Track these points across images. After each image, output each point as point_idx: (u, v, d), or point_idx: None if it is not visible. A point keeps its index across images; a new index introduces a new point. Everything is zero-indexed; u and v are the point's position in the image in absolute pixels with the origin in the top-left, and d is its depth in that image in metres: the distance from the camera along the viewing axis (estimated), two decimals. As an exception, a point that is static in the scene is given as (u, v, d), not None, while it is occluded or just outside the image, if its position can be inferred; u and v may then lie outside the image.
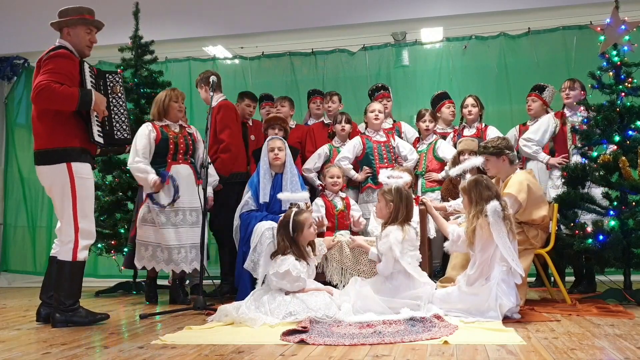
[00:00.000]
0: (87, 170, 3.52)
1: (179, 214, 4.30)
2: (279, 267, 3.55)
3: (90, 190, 3.54)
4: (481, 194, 3.43)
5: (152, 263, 4.31)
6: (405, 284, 3.51)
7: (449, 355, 2.44)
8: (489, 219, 3.31)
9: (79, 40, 3.57)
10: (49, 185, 3.50)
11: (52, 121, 3.43)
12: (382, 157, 4.97)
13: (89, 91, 3.46)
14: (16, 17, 6.68)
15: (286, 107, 5.50)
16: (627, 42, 4.18)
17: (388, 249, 3.50)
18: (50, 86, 3.31)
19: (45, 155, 3.45)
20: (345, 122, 5.12)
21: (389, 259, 3.51)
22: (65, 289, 3.43)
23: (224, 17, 6.36)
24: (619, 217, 3.96)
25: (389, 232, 3.57)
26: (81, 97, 3.40)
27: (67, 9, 3.57)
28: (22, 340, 3.04)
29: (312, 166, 5.12)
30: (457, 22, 6.11)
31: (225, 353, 2.57)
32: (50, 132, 3.43)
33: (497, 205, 3.34)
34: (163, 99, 4.45)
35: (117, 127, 3.63)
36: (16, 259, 7.10)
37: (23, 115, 7.16)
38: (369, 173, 4.97)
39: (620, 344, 2.62)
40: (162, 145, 4.33)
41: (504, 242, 3.28)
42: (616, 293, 3.96)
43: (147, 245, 4.30)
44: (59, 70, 3.38)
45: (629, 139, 4.06)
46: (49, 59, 3.41)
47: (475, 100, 5.27)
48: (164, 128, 4.40)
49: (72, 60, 3.49)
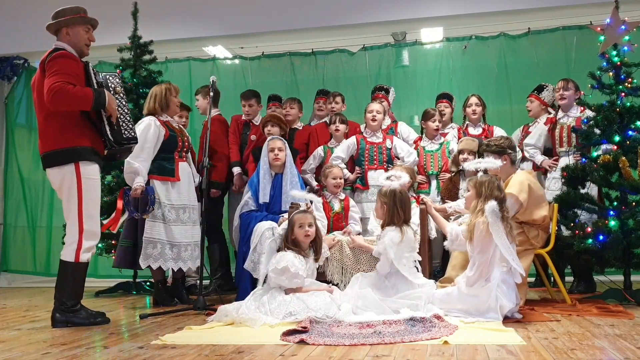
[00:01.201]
0: (95, 171, 3.52)
1: (186, 211, 4.29)
2: (277, 263, 3.57)
3: (97, 191, 3.54)
4: (492, 192, 3.44)
5: (160, 262, 4.16)
6: (403, 283, 3.57)
7: (449, 355, 2.44)
8: (488, 219, 3.31)
9: (79, 39, 3.57)
10: (58, 186, 3.50)
11: (61, 122, 3.42)
12: (372, 158, 4.96)
13: (102, 91, 3.47)
14: (16, 17, 6.68)
15: (295, 108, 5.48)
16: (627, 42, 4.19)
17: (384, 250, 3.60)
18: (65, 87, 3.31)
19: (54, 156, 3.45)
20: (339, 123, 5.11)
21: (385, 260, 3.62)
22: (67, 290, 3.44)
23: (224, 17, 6.35)
24: (619, 217, 3.96)
25: (386, 233, 3.65)
26: (95, 97, 3.40)
27: (64, 10, 3.57)
28: (22, 340, 3.04)
29: (307, 167, 5.12)
30: (457, 22, 6.10)
31: (225, 353, 2.57)
32: (58, 133, 3.43)
33: (495, 206, 3.34)
34: (163, 93, 4.36)
35: (124, 127, 3.62)
36: (16, 259, 7.10)
37: (23, 115, 7.17)
38: (359, 174, 4.97)
39: (620, 344, 2.62)
40: (170, 142, 4.28)
41: (503, 242, 3.29)
42: (616, 293, 3.96)
43: (155, 242, 4.16)
44: (66, 71, 3.37)
45: (629, 139, 4.06)
46: (51, 60, 3.39)
47: (479, 99, 5.26)
48: (168, 124, 4.36)
49: (76, 61, 3.49)
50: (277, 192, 4.39)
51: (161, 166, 4.25)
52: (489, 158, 3.87)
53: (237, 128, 5.35)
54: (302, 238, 3.70)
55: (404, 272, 3.56)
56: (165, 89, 4.39)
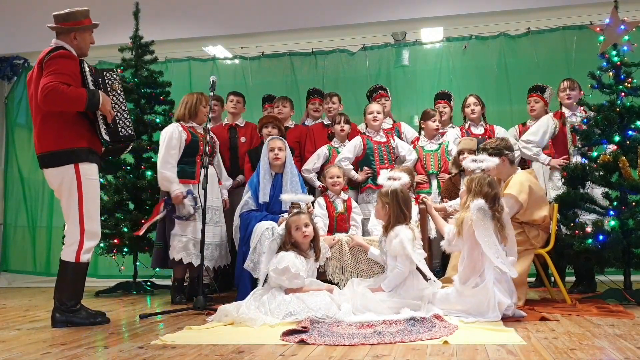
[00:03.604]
0: (94, 171, 3.52)
1: (209, 212, 4.38)
2: (278, 264, 3.58)
3: (96, 191, 3.55)
4: (482, 188, 3.43)
5: (182, 254, 4.35)
6: (410, 283, 3.55)
7: (449, 355, 2.44)
8: (472, 216, 3.32)
9: (85, 43, 3.61)
10: (57, 187, 3.50)
11: (58, 123, 3.42)
12: (382, 157, 4.97)
13: (97, 92, 3.46)
14: (16, 17, 6.68)
15: (287, 107, 5.50)
16: (627, 42, 4.18)
17: (402, 248, 3.49)
18: (59, 87, 3.30)
19: (52, 157, 3.44)
20: (344, 123, 5.11)
21: (405, 259, 3.51)
22: (68, 290, 3.44)
23: (224, 17, 6.36)
24: (619, 217, 3.96)
25: (398, 232, 3.57)
26: (89, 98, 3.40)
27: (74, 13, 3.55)
28: (22, 340, 3.04)
29: (311, 167, 5.11)
30: (457, 22, 6.11)
31: (225, 353, 2.58)
32: (56, 134, 3.42)
33: (481, 203, 3.34)
34: (194, 103, 4.57)
35: (121, 125, 3.63)
36: (16, 259, 7.10)
37: (23, 115, 7.16)
38: (369, 174, 4.96)
39: (620, 344, 2.62)
40: (192, 146, 4.45)
41: (487, 240, 3.27)
42: (616, 293, 3.96)
43: (180, 237, 4.36)
44: (64, 71, 3.37)
45: (629, 139, 4.06)
46: (51, 59, 3.39)
47: (477, 99, 5.26)
48: (192, 129, 4.53)
49: (74, 60, 3.48)
50: (277, 192, 4.39)
51: (182, 170, 4.43)
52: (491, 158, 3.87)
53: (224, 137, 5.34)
54: (301, 239, 3.71)
55: (422, 266, 3.56)
56: (196, 99, 4.61)
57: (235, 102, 5.44)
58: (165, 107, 5.69)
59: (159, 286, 5.56)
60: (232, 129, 5.41)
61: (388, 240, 3.63)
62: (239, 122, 5.46)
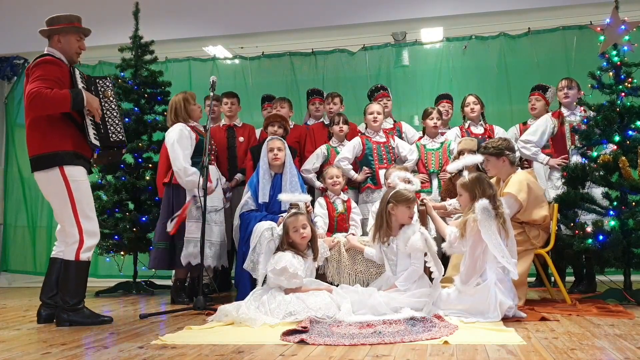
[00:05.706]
0: (81, 173, 3.51)
1: (215, 212, 4.47)
2: (276, 264, 3.59)
3: (87, 192, 3.55)
4: (484, 191, 3.45)
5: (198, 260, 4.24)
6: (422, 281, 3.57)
7: (449, 355, 2.44)
8: (477, 217, 3.32)
9: (70, 47, 3.59)
10: (46, 190, 3.51)
11: (45, 126, 3.43)
12: (381, 158, 4.97)
13: (80, 91, 3.46)
14: (16, 17, 6.68)
15: (286, 108, 5.49)
16: (627, 42, 4.18)
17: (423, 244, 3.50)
18: (42, 92, 3.31)
19: (39, 160, 3.46)
20: (342, 123, 5.11)
21: (420, 256, 3.55)
22: (70, 289, 3.45)
23: (224, 17, 6.36)
24: (619, 217, 3.96)
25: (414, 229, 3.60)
26: (73, 97, 3.40)
27: (58, 17, 3.59)
28: (22, 340, 3.04)
29: (310, 167, 5.11)
30: (457, 22, 6.11)
31: (225, 353, 2.57)
32: (42, 138, 3.44)
33: (486, 204, 3.35)
34: (182, 105, 4.53)
35: (112, 130, 3.64)
36: (16, 259, 7.11)
37: (23, 116, 7.14)
38: (368, 174, 4.96)
39: (620, 344, 2.62)
40: (200, 145, 4.42)
41: (493, 239, 3.28)
42: (616, 293, 3.96)
43: (197, 242, 4.26)
44: (48, 76, 3.38)
45: (629, 139, 4.06)
46: (35, 66, 3.42)
47: (476, 98, 5.27)
48: (195, 129, 4.55)
49: (60, 66, 3.49)
50: (277, 192, 4.39)
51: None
52: (471, 156, 3.92)
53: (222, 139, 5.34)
54: (299, 240, 3.73)
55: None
56: (183, 100, 4.56)
57: (230, 104, 5.40)
58: (165, 107, 5.68)
59: (158, 286, 5.57)
60: (230, 130, 5.40)
61: (402, 239, 3.60)
62: (236, 122, 5.45)
